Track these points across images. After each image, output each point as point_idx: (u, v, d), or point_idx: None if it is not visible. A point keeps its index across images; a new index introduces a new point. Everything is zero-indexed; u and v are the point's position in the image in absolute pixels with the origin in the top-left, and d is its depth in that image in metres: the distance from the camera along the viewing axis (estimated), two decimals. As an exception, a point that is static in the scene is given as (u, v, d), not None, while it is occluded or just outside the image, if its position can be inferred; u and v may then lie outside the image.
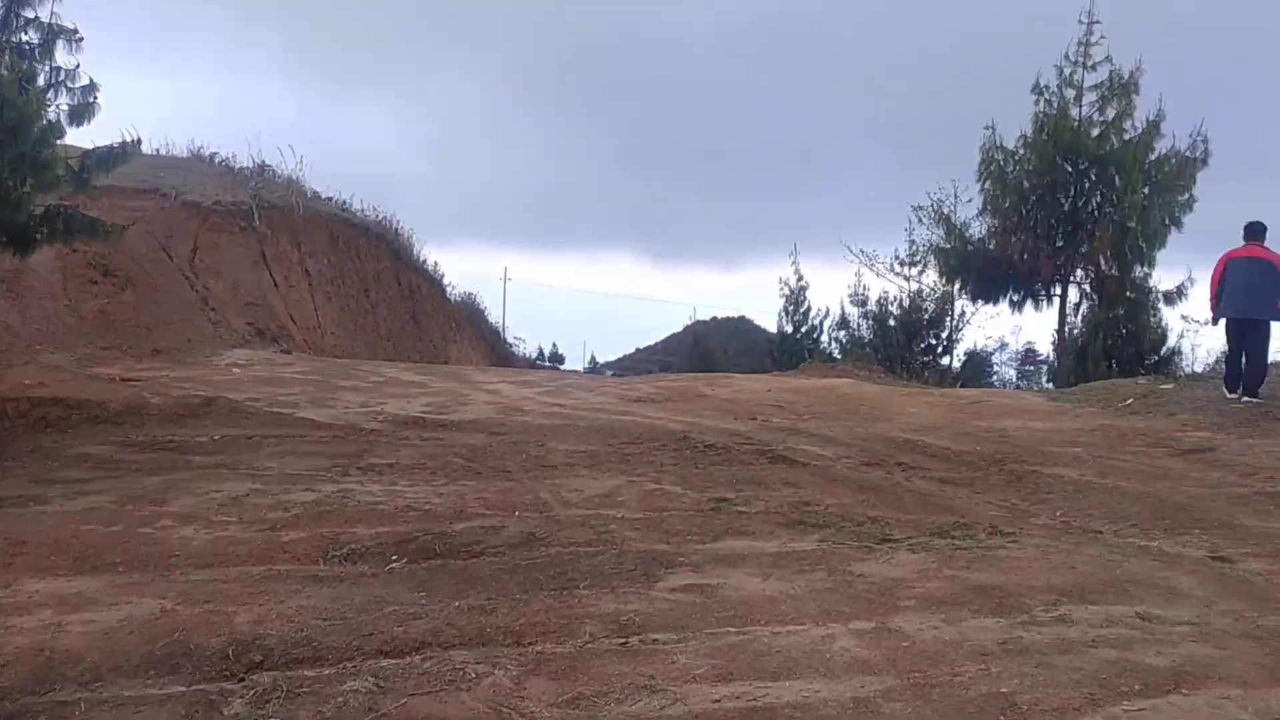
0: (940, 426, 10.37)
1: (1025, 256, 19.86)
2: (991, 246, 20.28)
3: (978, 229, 20.56)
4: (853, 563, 5.19)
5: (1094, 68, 19.24)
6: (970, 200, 20.56)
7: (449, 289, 31.09)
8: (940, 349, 30.54)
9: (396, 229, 26.60)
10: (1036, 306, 21.44)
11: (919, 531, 5.90)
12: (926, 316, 28.80)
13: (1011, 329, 37.54)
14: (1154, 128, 18.95)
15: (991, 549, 5.45)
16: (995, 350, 43.81)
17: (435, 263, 28.73)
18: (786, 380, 15.45)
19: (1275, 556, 5.15)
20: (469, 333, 34.49)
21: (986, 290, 20.99)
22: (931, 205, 20.73)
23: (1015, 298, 21.39)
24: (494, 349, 36.21)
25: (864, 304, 29.44)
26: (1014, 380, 39.64)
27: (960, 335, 30.82)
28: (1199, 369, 28.57)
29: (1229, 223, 11.85)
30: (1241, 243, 11.19)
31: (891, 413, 11.56)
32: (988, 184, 19.95)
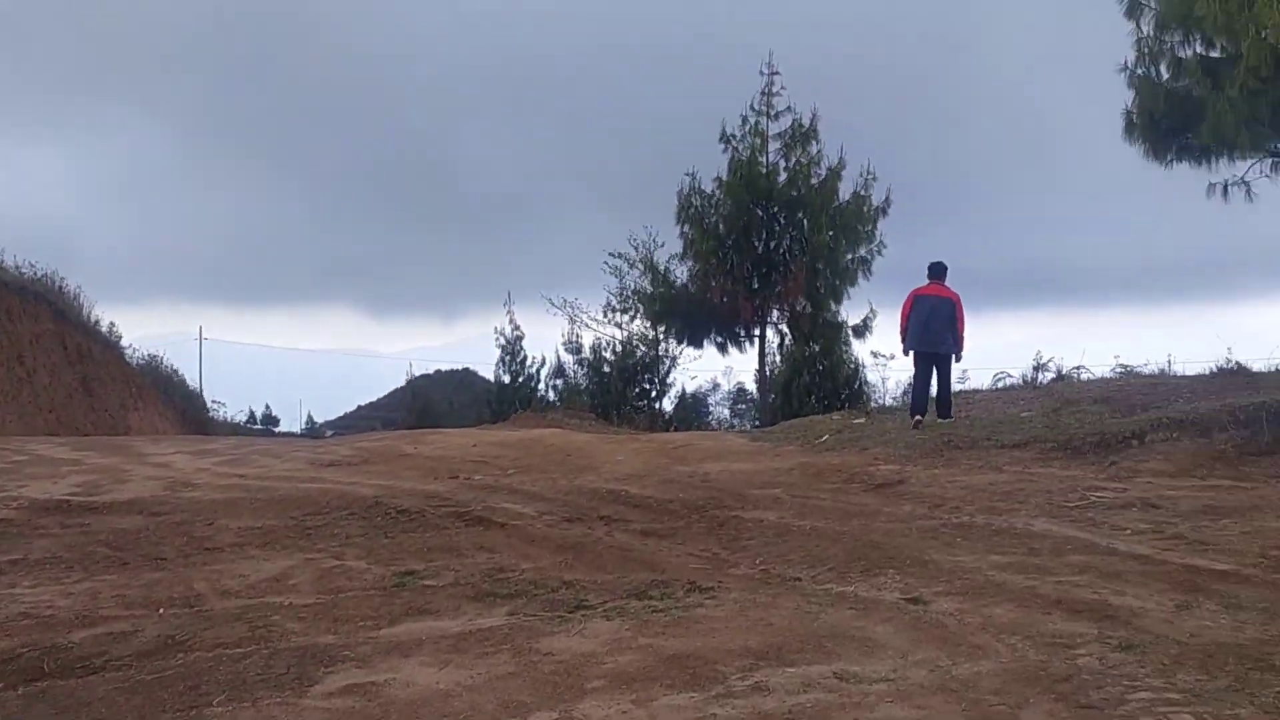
0: (645, 474, 10.20)
1: (725, 299, 20.48)
2: (693, 290, 20.79)
3: (681, 273, 21.05)
4: (542, 638, 4.73)
5: (777, 116, 20.29)
6: (663, 245, 21.03)
7: (130, 351, 28.48)
8: (654, 393, 31.22)
9: (60, 287, 24.05)
10: (739, 347, 22.23)
11: (616, 594, 5.53)
12: (639, 362, 29.32)
13: (723, 370, 39.01)
14: (836, 173, 20.18)
15: (689, 608, 5.15)
16: (709, 391, 45.51)
17: (111, 324, 26.16)
18: (494, 433, 14.96)
19: (965, 594, 5.15)
20: (154, 398, 31.79)
21: (692, 333, 21.51)
22: (636, 251, 21.00)
23: (719, 339, 22.04)
24: (186, 415, 33.59)
25: (578, 351, 29.64)
26: (728, 419, 41.24)
27: (671, 379, 31.65)
28: (889, 401, 30.80)
29: (913, 263, 12.64)
30: (926, 281, 12.10)
31: (599, 462, 11.32)
32: (687, 228, 20.46)
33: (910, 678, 3.88)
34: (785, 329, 21.65)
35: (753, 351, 22.24)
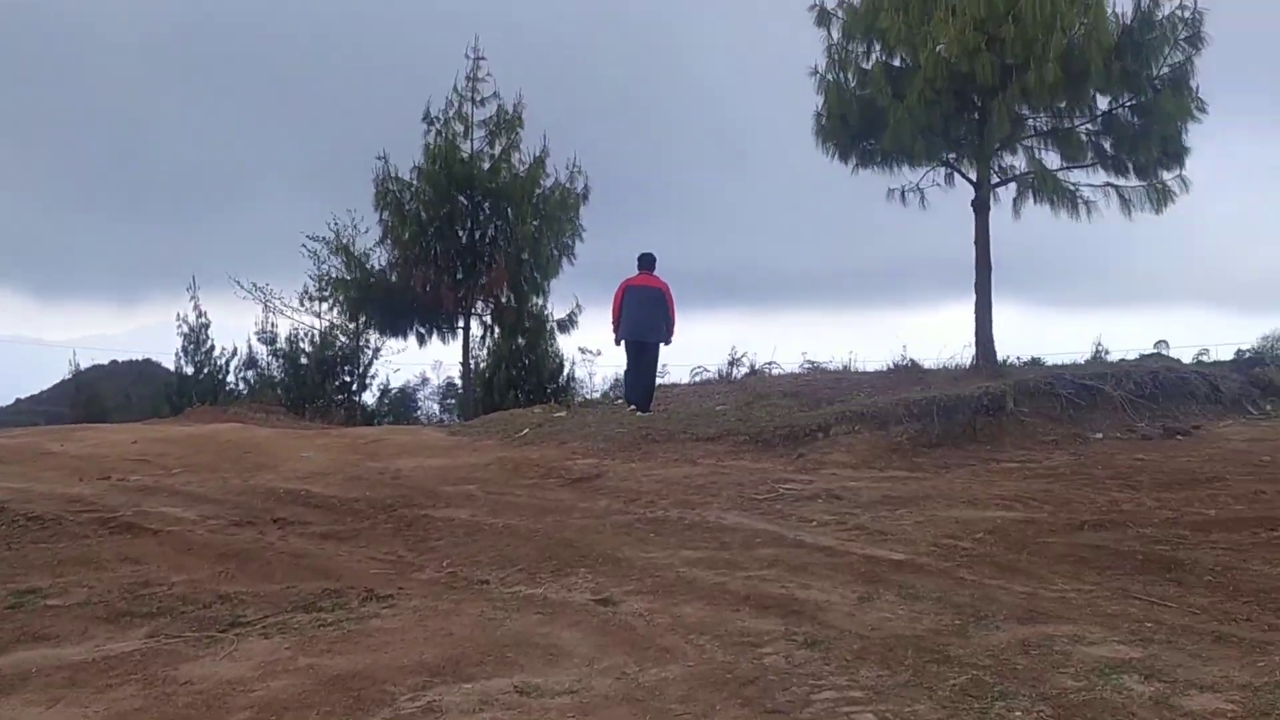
0: (331, 472, 9.53)
1: (428, 288, 19.80)
2: (394, 278, 19.97)
3: (379, 260, 20.15)
4: (183, 663, 4.12)
5: (482, 102, 19.85)
6: (367, 230, 20.10)
7: None
8: (355, 386, 29.87)
9: None
10: (443, 338, 21.57)
11: (280, 607, 4.97)
12: (339, 353, 27.92)
13: (433, 364, 37.99)
14: (540, 162, 19.98)
15: (363, 620, 4.69)
16: (418, 385, 44.17)
17: None
18: (162, 429, 13.62)
19: (655, 593, 4.99)
20: None
21: (392, 323, 20.67)
22: (332, 235, 19.89)
23: (421, 330, 21.32)
24: None
25: (273, 341, 27.84)
26: (437, 414, 40.23)
27: (374, 371, 30.40)
28: (595, 394, 31.11)
29: (620, 261, 12.76)
30: (637, 271, 12.32)
31: (280, 459, 10.49)
32: (385, 214, 19.62)
33: (595, 688, 3.63)
34: (490, 321, 21.25)
35: (457, 344, 21.69)
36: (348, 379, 29.30)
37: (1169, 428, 10.19)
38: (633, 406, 12.12)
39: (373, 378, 30.02)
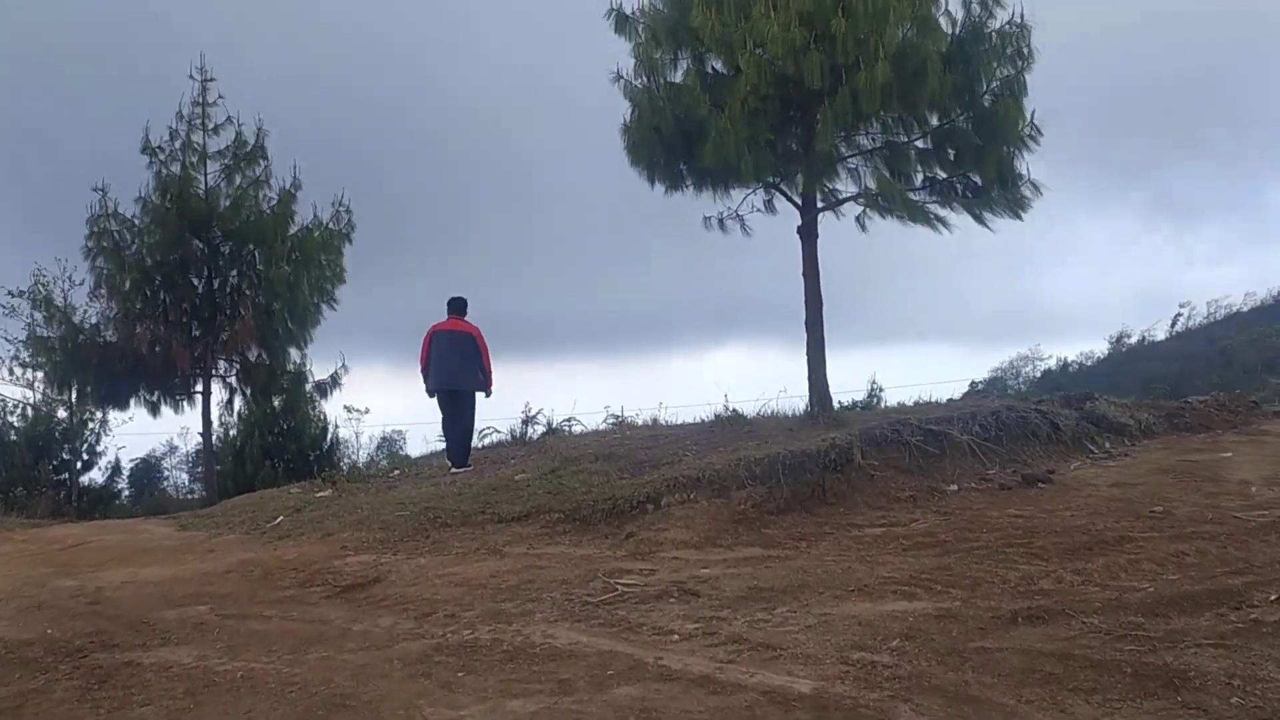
0: (4, 597, 7.20)
1: (157, 348, 17.09)
2: (111, 337, 17.11)
3: (92, 316, 17.21)
4: None
5: (217, 130, 17.39)
6: (82, 281, 17.16)
7: None
8: (78, 465, 26.23)
9: None
10: (176, 406, 18.76)
11: None
12: (57, 428, 24.52)
13: (180, 430, 34.10)
14: (291, 196, 17.69)
15: None
16: (164, 455, 39.61)
17: None
18: None
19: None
20: None
21: (111, 391, 17.72)
22: (31, 287, 16.79)
23: (150, 397, 18.44)
24: None
25: None
26: (187, 484, 36.30)
27: (102, 447, 26.85)
28: (365, 460, 28.57)
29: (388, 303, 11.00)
30: (445, 317, 11.60)
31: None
32: (100, 260, 16.80)
33: None
34: (236, 382, 18.66)
35: (196, 412, 18.96)
36: (67, 457, 25.86)
37: (1026, 475, 9.31)
38: (450, 465, 11.54)
39: (99, 454, 26.66)
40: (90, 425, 25.05)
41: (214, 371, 18.16)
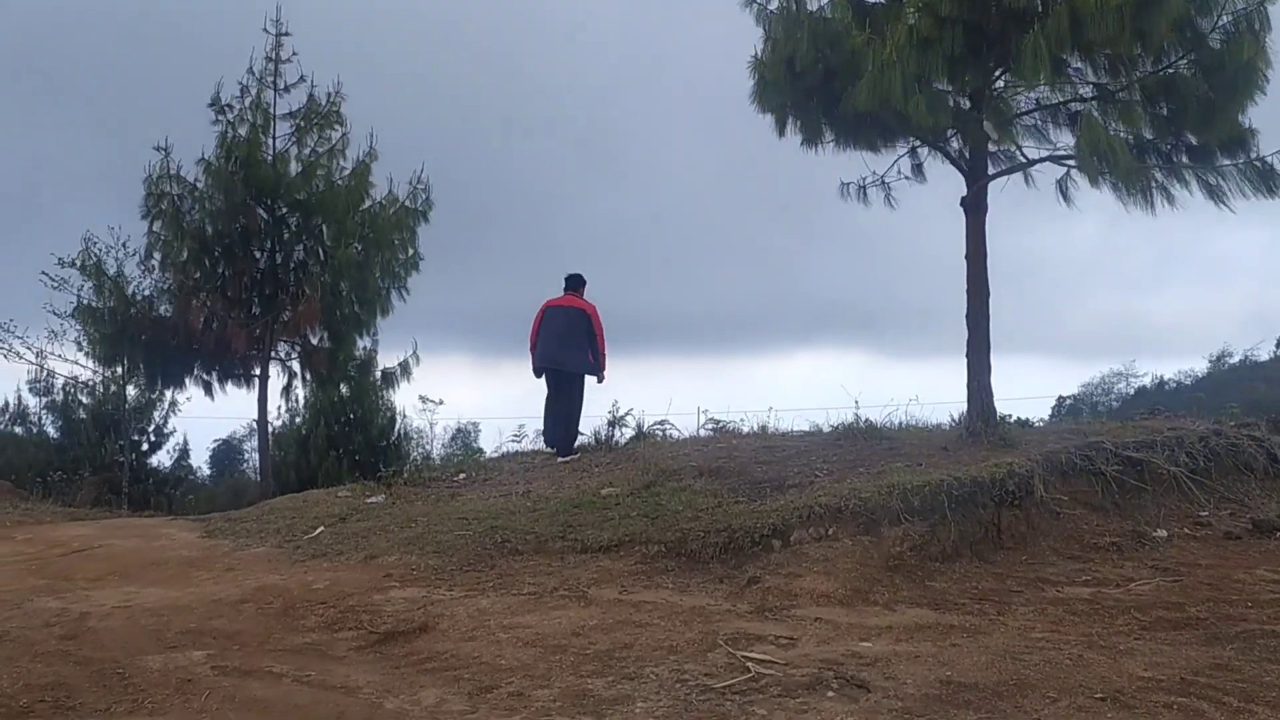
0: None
1: (215, 324, 15.76)
2: (165, 311, 15.81)
3: (146, 287, 15.89)
4: None
5: (288, 89, 15.97)
6: (135, 253, 15.85)
7: None
8: (145, 446, 25.42)
9: None
10: (240, 386, 17.40)
11: None
12: (127, 406, 23.72)
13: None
14: (366, 169, 16.18)
15: None
16: (244, 436, 38.66)
17: None
18: None
19: None
20: None
21: (165, 368, 16.44)
22: (81, 253, 15.53)
23: (207, 377, 17.16)
24: None
25: (49, 391, 23.20)
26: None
27: (170, 427, 26.00)
28: (437, 454, 27.21)
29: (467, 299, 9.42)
30: (561, 293, 11.05)
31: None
32: (158, 225, 15.48)
33: None
34: (298, 367, 17.27)
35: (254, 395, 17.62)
36: (136, 438, 25.01)
37: (1257, 521, 7.40)
38: (552, 449, 10.85)
39: (167, 435, 25.78)
40: (160, 404, 24.27)
41: (273, 354, 16.79)
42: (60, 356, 17.80)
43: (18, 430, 25.52)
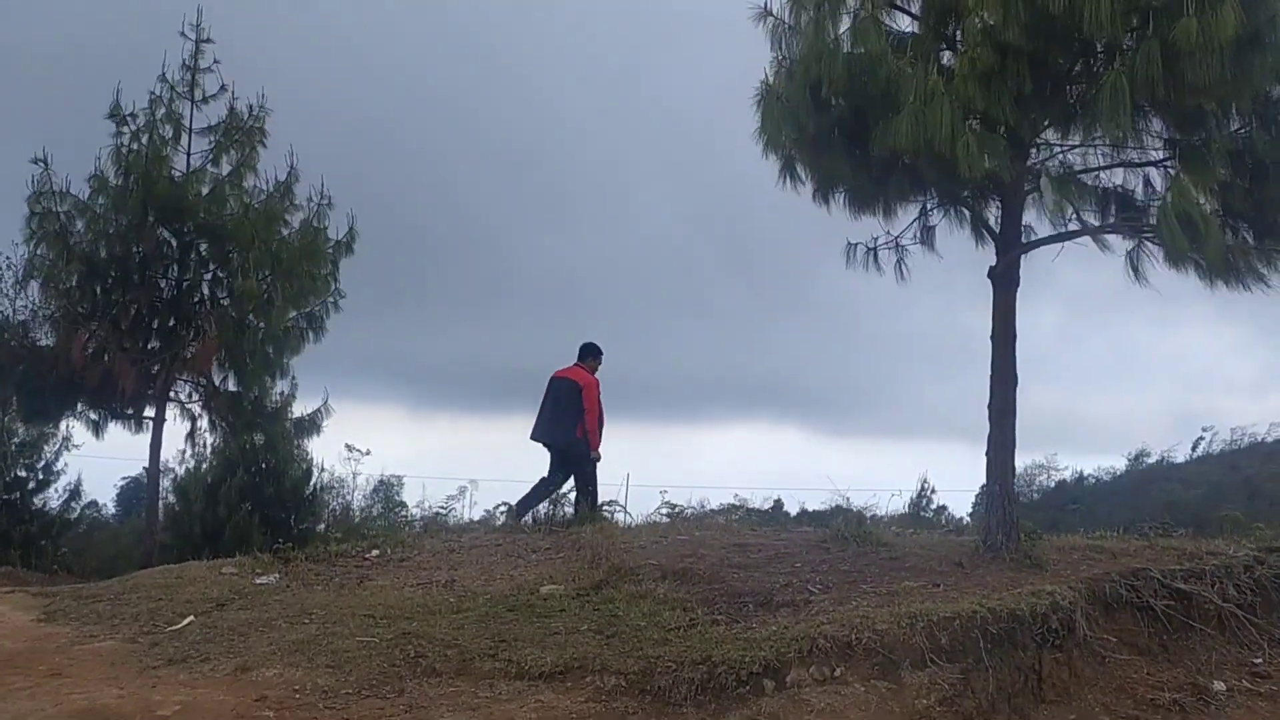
0: None
1: (106, 357, 14.01)
2: (45, 342, 14.01)
3: (22, 312, 14.03)
4: None
5: (206, 101, 14.44)
6: (9, 275, 14.05)
7: None
8: (34, 484, 23.23)
9: None
10: (129, 427, 15.56)
11: None
12: (16, 439, 21.59)
13: (177, 451, 30.54)
14: (286, 190, 14.63)
15: None
16: (161, 473, 35.83)
17: None
18: None
19: None
20: None
21: (42, 403, 14.62)
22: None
23: (94, 416, 15.35)
24: None
25: None
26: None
27: (61, 464, 23.79)
28: (358, 507, 25.41)
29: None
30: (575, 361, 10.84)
31: None
32: (42, 248, 13.76)
33: None
34: (198, 409, 15.51)
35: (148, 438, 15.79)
36: (23, 474, 22.88)
37: (1329, 674, 6.22)
38: (515, 514, 10.50)
39: (56, 474, 23.64)
40: (52, 439, 22.19)
41: (173, 394, 15.06)
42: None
43: None
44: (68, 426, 16.78)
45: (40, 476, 23.13)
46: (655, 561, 7.37)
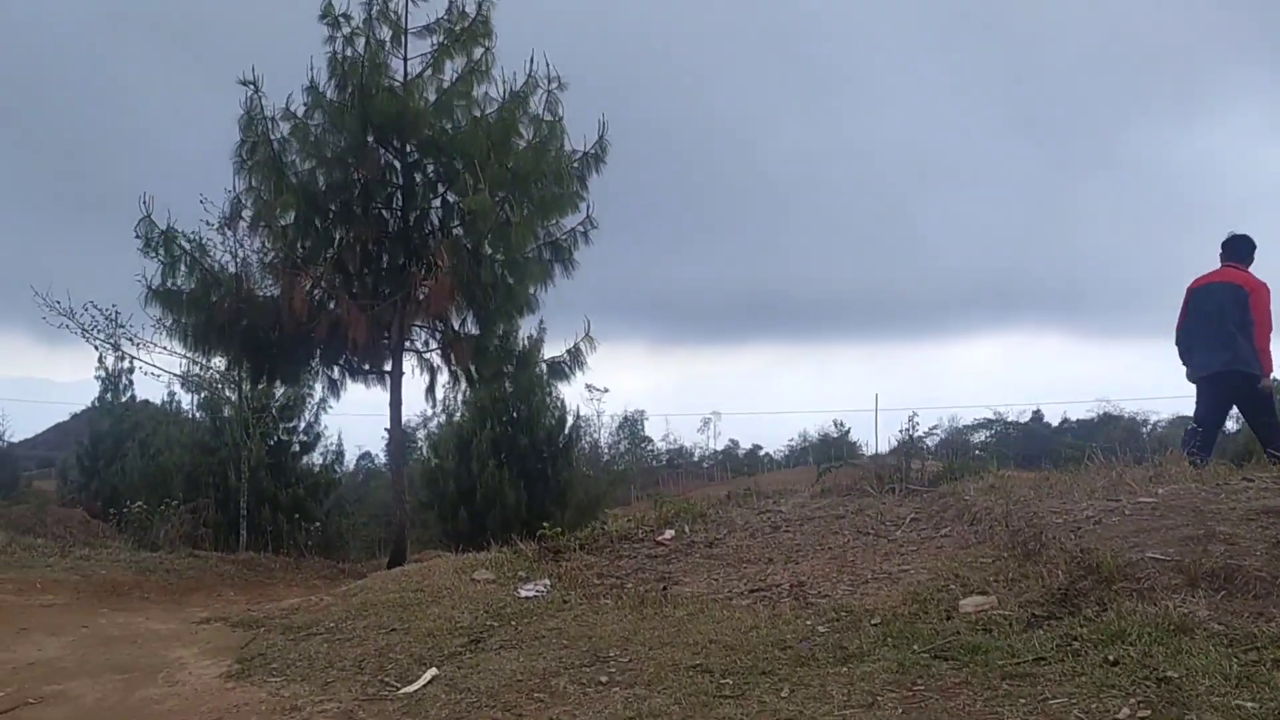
0: None
1: (333, 305, 12.21)
2: (267, 292, 12.25)
3: (236, 259, 12.33)
4: None
5: (424, -1, 12.24)
6: (211, 225, 12.37)
7: None
8: (298, 447, 22.93)
9: None
10: (366, 383, 13.78)
11: None
12: (275, 404, 21.35)
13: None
14: (521, 99, 12.29)
15: None
16: (419, 425, 36.11)
17: None
18: None
19: None
20: None
21: (272, 363, 13.02)
22: (143, 220, 11.88)
23: (331, 374, 13.69)
24: None
25: (199, 389, 20.92)
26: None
27: (322, 425, 23.56)
28: (607, 451, 23.75)
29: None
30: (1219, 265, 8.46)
31: None
32: (254, 180, 11.98)
33: None
34: (436, 359, 13.55)
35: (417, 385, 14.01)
36: (284, 438, 22.54)
37: None
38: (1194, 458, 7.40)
39: (318, 434, 23.22)
40: (309, 399, 21.66)
41: (409, 342, 13.17)
42: (166, 350, 14.71)
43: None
44: (323, 387, 15.35)
45: (303, 438, 22.74)
46: (1155, 554, 4.55)
